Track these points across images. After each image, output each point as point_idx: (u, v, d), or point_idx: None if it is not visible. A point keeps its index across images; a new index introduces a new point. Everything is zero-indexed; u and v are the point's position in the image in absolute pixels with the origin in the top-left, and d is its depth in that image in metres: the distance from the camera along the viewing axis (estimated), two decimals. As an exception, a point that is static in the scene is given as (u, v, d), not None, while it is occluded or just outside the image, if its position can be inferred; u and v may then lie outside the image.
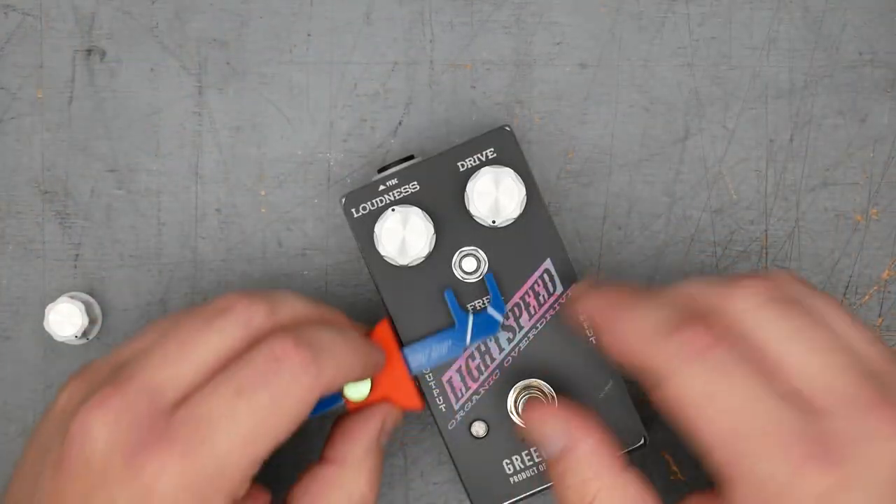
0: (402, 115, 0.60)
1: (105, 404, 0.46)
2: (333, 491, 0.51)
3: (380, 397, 0.53)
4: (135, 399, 0.46)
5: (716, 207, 0.59)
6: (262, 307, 0.49)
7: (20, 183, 0.60)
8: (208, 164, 0.60)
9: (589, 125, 0.60)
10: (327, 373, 0.48)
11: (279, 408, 0.47)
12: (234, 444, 0.46)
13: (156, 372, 0.47)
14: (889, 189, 0.59)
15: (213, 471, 0.46)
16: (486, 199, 0.53)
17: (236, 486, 0.46)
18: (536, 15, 0.59)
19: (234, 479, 0.46)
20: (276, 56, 0.60)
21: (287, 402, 0.47)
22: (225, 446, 0.46)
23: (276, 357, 0.47)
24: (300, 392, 0.47)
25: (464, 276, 0.54)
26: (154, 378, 0.47)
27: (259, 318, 0.49)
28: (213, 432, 0.46)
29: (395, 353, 0.54)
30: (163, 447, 0.45)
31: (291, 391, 0.47)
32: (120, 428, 0.45)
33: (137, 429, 0.45)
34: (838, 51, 0.59)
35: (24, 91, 0.60)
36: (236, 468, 0.46)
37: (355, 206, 0.54)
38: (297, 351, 0.47)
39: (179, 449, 0.45)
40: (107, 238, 0.60)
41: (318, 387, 0.48)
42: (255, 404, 0.46)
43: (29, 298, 0.60)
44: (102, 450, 0.45)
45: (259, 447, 0.47)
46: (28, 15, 0.60)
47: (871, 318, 0.60)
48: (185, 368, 0.47)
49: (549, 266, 0.55)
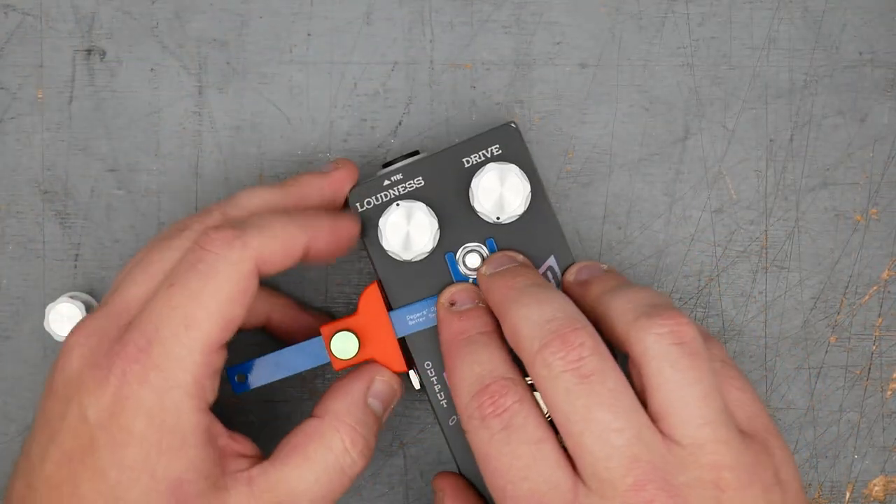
0: (402, 115, 0.60)
1: (80, 328, 0.50)
2: (312, 441, 0.51)
3: (368, 358, 0.54)
4: (103, 320, 0.50)
5: (716, 207, 0.60)
6: (215, 215, 0.52)
7: (20, 183, 0.60)
8: (208, 164, 0.60)
9: (589, 125, 0.60)
10: (254, 243, 0.49)
11: (210, 287, 0.49)
12: (177, 332, 0.48)
13: (122, 295, 0.50)
14: (889, 189, 0.59)
15: (165, 363, 0.48)
16: (490, 195, 0.53)
17: (194, 378, 0.48)
18: (536, 15, 0.59)
19: (187, 369, 0.48)
20: (276, 56, 0.60)
21: (218, 280, 0.49)
22: (169, 336, 0.48)
23: (201, 245, 0.49)
24: (228, 268, 0.49)
25: (467, 272, 0.54)
26: (119, 299, 0.50)
27: (213, 225, 0.51)
28: (157, 326, 0.48)
29: (383, 316, 0.54)
30: (120, 354, 0.48)
31: (219, 269, 0.49)
32: (90, 345, 0.49)
33: (103, 343, 0.49)
34: (838, 51, 0.59)
35: (24, 91, 0.60)
36: (187, 357, 0.48)
37: (360, 201, 0.54)
38: (218, 232, 0.49)
39: (132, 350, 0.48)
40: (107, 238, 0.60)
41: (247, 258, 0.49)
42: (187, 290, 0.48)
43: (29, 298, 0.60)
44: (76, 365, 0.49)
45: (203, 330, 0.48)
46: (28, 15, 0.60)
47: (870, 319, 0.60)
48: (149, 285, 0.50)
49: (552, 263, 0.55)
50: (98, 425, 0.47)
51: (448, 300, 0.54)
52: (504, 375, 0.50)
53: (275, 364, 0.54)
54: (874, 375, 0.60)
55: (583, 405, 0.47)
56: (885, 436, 0.60)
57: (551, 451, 0.48)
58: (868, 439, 0.60)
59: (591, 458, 0.47)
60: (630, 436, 0.47)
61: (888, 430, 0.60)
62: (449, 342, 0.53)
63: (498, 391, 0.49)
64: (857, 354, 0.60)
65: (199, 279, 0.49)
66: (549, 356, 0.48)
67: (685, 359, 0.48)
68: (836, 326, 0.60)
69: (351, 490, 0.60)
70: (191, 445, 0.48)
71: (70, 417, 0.48)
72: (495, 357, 0.51)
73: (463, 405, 0.50)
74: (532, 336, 0.49)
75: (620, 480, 0.46)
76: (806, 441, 0.60)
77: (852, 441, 0.60)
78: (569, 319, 0.49)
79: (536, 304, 0.50)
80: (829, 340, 0.60)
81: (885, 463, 0.60)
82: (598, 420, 0.47)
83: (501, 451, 0.49)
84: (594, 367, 0.48)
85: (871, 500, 0.60)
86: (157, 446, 0.47)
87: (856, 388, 0.60)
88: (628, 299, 0.51)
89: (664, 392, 0.48)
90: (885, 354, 0.60)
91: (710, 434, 0.47)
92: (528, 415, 0.49)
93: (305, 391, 0.60)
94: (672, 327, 0.49)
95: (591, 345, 0.48)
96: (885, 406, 0.60)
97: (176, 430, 0.48)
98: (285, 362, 0.54)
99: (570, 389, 0.47)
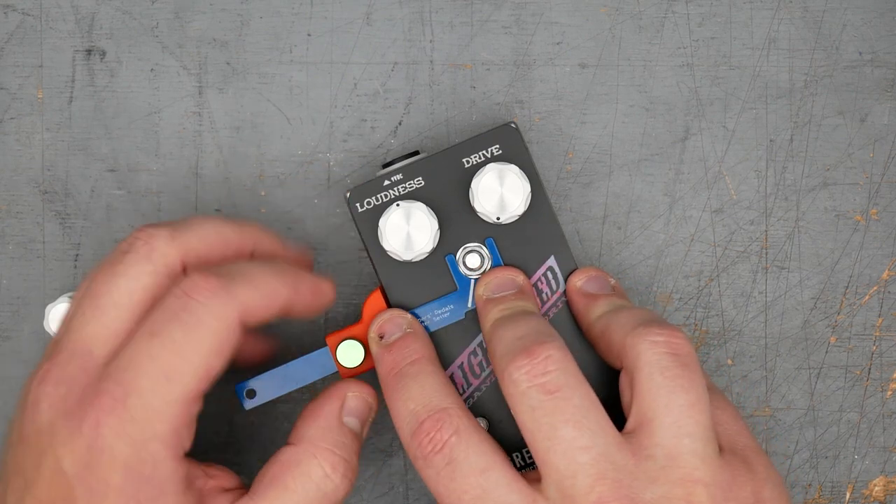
0: (402, 115, 0.60)
1: (46, 378, 0.48)
2: (290, 471, 0.50)
3: (374, 366, 0.54)
4: (67, 365, 0.48)
5: (716, 207, 0.60)
6: (161, 234, 0.50)
7: (20, 183, 0.60)
8: (208, 164, 0.60)
9: (589, 125, 0.60)
10: (241, 296, 0.48)
11: (195, 339, 0.47)
12: (157, 384, 0.47)
13: (79, 334, 0.49)
14: (889, 189, 0.59)
15: (141, 415, 0.46)
16: (490, 195, 0.53)
17: (171, 429, 0.47)
18: (536, 15, 0.59)
19: (165, 420, 0.47)
20: (276, 56, 0.60)
21: (201, 332, 0.47)
22: (148, 388, 0.47)
23: (185, 292, 0.48)
24: (213, 320, 0.48)
25: (467, 273, 0.54)
26: (79, 340, 0.48)
27: (160, 246, 0.49)
28: (135, 377, 0.47)
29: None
30: (94, 402, 0.46)
31: (204, 320, 0.47)
32: (59, 393, 0.47)
33: (73, 392, 0.47)
34: (838, 51, 0.59)
35: (24, 91, 0.60)
36: (165, 409, 0.47)
37: (360, 201, 0.54)
38: (205, 281, 0.48)
39: (107, 401, 0.46)
40: (107, 238, 0.60)
41: (232, 311, 0.48)
42: (169, 341, 0.47)
43: (29, 298, 0.60)
44: (47, 416, 0.47)
45: (184, 383, 0.47)
46: (28, 15, 0.60)
47: (871, 319, 0.60)
48: (104, 321, 0.48)
49: (552, 264, 0.55)
50: (75, 476, 0.46)
51: (378, 333, 0.53)
52: (438, 406, 0.50)
53: (283, 377, 0.54)
54: (874, 376, 0.60)
55: (548, 423, 0.47)
56: (886, 436, 0.60)
57: (499, 476, 0.48)
58: (868, 439, 0.60)
59: (556, 474, 0.47)
60: (596, 453, 0.47)
61: (888, 431, 0.60)
62: (383, 380, 0.52)
63: (432, 426, 0.49)
64: (857, 355, 0.60)
65: (182, 330, 0.47)
66: (515, 371, 0.48)
67: (677, 368, 0.48)
68: (836, 327, 0.60)
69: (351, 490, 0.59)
70: (169, 493, 0.47)
71: (45, 468, 0.47)
72: (426, 388, 0.50)
73: (406, 445, 0.50)
74: (503, 353, 0.49)
75: (583, 498, 0.46)
76: (806, 441, 0.60)
77: (852, 441, 0.60)
78: (537, 334, 0.49)
79: (513, 326, 0.50)
80: (830, 341, 0.60)
81: (885, 463, 0.60)
82: (562, 438, 0.47)
83: (449, 487, 0.48)
84: (560, 382, 0.47)
85: (871, 501, 0.60)
86: (135, 497, 0.46)
87: (856, 389, 0.60)
88: (631, 315, 0.51)
89: (650, 397, 0.48)
90: (885, 354, 0.60)
91: (687, 446, 0.47)
92: (467, 445, 0.49)
93: (306, 391, 0.60)
94: (668, 338, 0.49)
95: (557, 357, 0.48)
96: (885, 406, 0.60)
97: (154, 479, 0.47)
98: (293, 375, 0.54)
99: (535, 407, 0.47)
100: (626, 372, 0.49)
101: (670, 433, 0.47)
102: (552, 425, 0.47)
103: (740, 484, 0.48)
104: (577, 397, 0.47)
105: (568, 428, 0.47)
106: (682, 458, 0.47)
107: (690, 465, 0.47)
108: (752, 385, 0.60)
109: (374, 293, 0.54)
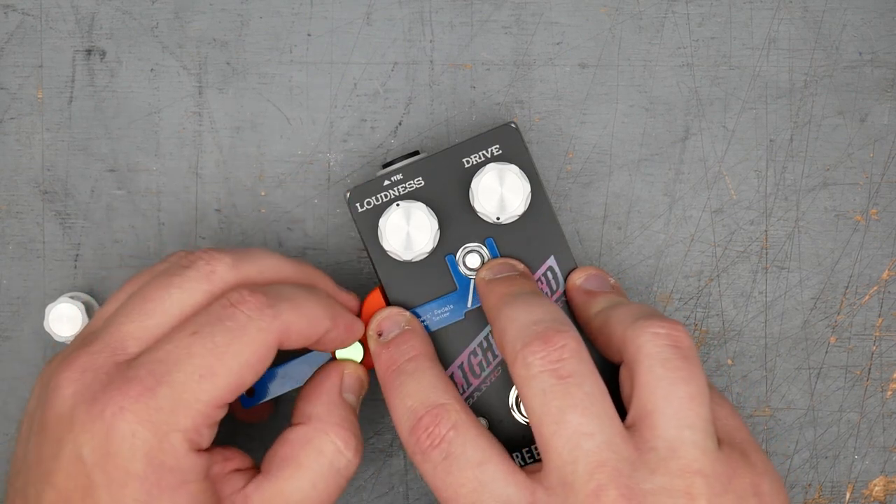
0: (402, 115, 0.60)
1: (72, 364, 0.48)
2: (303, 448, 0.51)
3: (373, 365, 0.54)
4: (98, 354, 0.48)
5: (716, 207, 0.60)
6: (224, 259, 0.50)
7: (20, 183, 0.60)
8: (208, 164, 0.60)
9: (589, 125, 0.60)
10: (284, 317, 0.49)
11: (235, 346, 0.48)
12: (190, 379, 0.47)
13: (118, 329, 0.49)
14: (889, 189, 0.59)
15: (168, 406, 0.46)
16: (490, 195, 0.53)
17: (194, 426, 0.47)
18: (536, 15, 0.59)
19: (190, 416, 0.47)
20: (276, 56, 0.60)
21: (243, 341, 0.48)
22: (180, 382, 0.47)
23: (232, 303, 0.48)
24: (255, 333, 0.48)
25: (467, 273, 0.54)
26: (116, 334, 0.49)
27: (221, 270, 0.50)
28: (169, 370, 0.47)
29: None
30: (121, 390, 0.46)
31: (247, 330, 0.48)
32: (84, 380, 0.47)
33: (99, 379, 0.47)
34: (838, 51, 0.59)
35: (24, 91, 0.60)
36: (193, 404, 0.47)
37: (360, 201, 0.54)
38: (252, 296, 0.48)
39: (136, 388, 0.46)
40: (107, 238, 0.60)
41: (274, 329, 0.48)
42: (210, 342, 0.47)
43: (29, 298, 0.60)
44: (69, 403, 0.47)
45: (216, 385, 0.47)
46: (28, 15, 0.60)
47: (871, 319, 0.60)
48: (147, 324, 0.49)
49: (552, 263, 0.55)
50: (94, 465, 0.46)
51: (376, 331, 0.54)
52: (436, 402, 0.50)
53: (282, 376, 0.54)
54: (874, 376, 0.60)
55: (556, 407, 0.47)
56: (886, 436, 0.60)
57: (496, 469, 0.48)
58: (868, 439, 0.60)
59: (558, 460, 0.47)
60: (600, 441, 0.47)
61: (888, 431, 0.60)
62: (382, 377, 0.53)
63: (431, 421, 0.49)
64: (857, 355, 0.60)
65: (224, 335, 0.47)
66: (530, 355, 0.48)
67: (678, 360, 0.48)
68: (836, 327, 0.60)
69: (351, 490, 0.60)
70: (190, 481, 0.47)
71: (64, 457, 0.47)
72: (424, 384, 0.51)
73: (404, 441, 0.50)
74: (516, 337, 0.49)
75: (583, 485, 0.46)
76: (806, 441, 0.60)
77: (852, 441, 0.60)
78: (554, 322, 0.49)
79: (526, 308, 0.50)
80: (829, 341, 0.60)
81: (885, 463, 0.60)
82: (569, 423, 0.47)
83: (446, 481, 0.49)
84: (573, 369, 0.48)
85: (871, 501, 0.60)
86: (157, 485, 0.46)
87: (856, 389, 0.60)
88: (631, 309, 0.51)
89: (651, 389, 0.48)
90: (885, 354, 0.60)
91: (688, 437, 0.47)
92: (465, 439, 0.49)
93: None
94: (669, 330, 0.49)
95: (572, 347, 0.48)
96: (885, 406, 0.60)
97: (175, 469, 0.47)
98: (292, 374, 0.54)
99: (546, 390, 0.47)
100: (627, 365, 0.50)
101: (671, 424, 0.47)
102: (560, 409, 0.47)
103: (739, 476, 0.48)
104: (588, 385, 0.48)
105: (576, 413, 0.47)
106: (682, 450, 0.47)
107: (690, 456, 0.47)
108: (752, 385, 0.60)
109: (373, 292, 0.54)
